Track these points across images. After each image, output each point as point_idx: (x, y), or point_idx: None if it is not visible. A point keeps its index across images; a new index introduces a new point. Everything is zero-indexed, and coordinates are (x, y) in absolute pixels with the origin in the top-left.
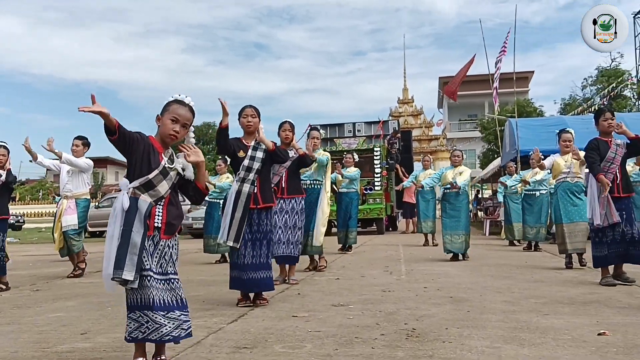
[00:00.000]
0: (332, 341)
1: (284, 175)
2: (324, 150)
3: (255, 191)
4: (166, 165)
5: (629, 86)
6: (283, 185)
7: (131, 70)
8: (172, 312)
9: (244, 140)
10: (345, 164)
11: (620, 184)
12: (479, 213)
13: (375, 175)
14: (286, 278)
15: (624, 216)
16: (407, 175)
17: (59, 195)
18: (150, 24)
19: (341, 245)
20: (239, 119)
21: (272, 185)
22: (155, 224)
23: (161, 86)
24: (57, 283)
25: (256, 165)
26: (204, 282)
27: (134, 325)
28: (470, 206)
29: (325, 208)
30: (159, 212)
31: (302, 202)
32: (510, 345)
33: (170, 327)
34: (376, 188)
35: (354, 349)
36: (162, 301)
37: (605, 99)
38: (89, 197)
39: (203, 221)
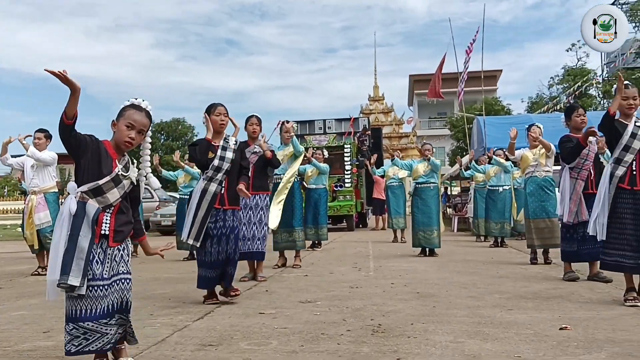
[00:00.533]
0: (298, 337)
1: (250, 171)
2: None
3: (222, 192)
4: (119, 173)
5: (594, 85)
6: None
7: (101, 65)
8: (112, 319)
9: (212, 141)
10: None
11: (594, 181)
12: (448, 210)
13: (346, 172)
14: (255, 275)
15: None
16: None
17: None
18: (121, 18)
19: (311, 242)
20: (209, 116)
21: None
22: (103, 232)
23: (132, 82)
24: (21, 281)
25: (225, 165)
26: (171, 279)
27: (69, 337)
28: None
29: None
30: (106, 219)
31: (267, 199)
32: (473, 339)
33: (111, 334)
34: (346, 185)
35: (319, 345)
36: (104, 309)
37: (570, 98)
38: (57, 190)
39: (172, 218)
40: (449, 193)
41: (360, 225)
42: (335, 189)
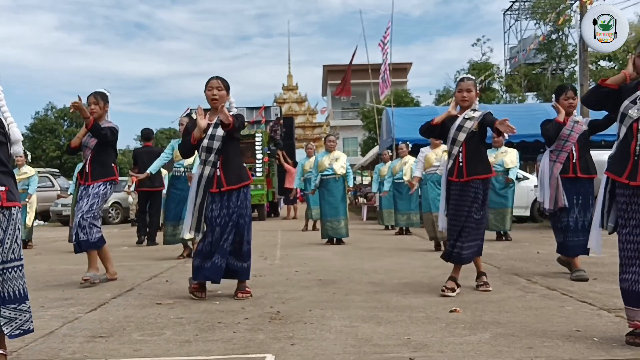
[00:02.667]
0: (193, 327)
1: (89, 157)
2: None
3: (218, 173)
4: None
5: (497, 79)
6: (87, 171)
7: (1, 47)
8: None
9: (208, 118)
10: None
11: (578, 164)
12: (360, 199)
13: (257, 162)
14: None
15: (579, 201)
16: (289, 161)
17: None
18: None
19: None
20: (204, 92)
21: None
22: None
23: (34, 65)
24: None
25: (216, 144)
26: (67, 271)
27: None
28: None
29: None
30: None
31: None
32: (367, 324)
33: None
34: (257, 174)
35: (214, 334)
36: None
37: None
38: None
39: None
40: (357, 183)
41: (272, 215)
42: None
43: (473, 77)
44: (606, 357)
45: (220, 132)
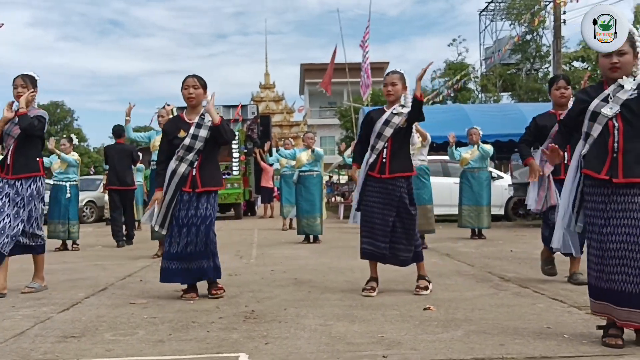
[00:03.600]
0: (167, 327)
1: (12, 147)
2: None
3: (193, 173)
4: None
5: (473, 79)
6: (8, 162)
7: None
8: None
9: (185, 118)
10: None
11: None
12: (337, 198)
13: (233, 160)
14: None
15: None
16: (265, 160)
17: None
18: None
19: None
20: (181, 90)
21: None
22: None
23: (7, 62)
24: None
25: (199, 145)
26: None
27: None
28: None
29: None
30: None
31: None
32: (342, 322)
33: None
34: (234, 173)
35: (188, 333)
36: None
37: (451, 91)
38: None
39: (46, 207)
40: (335, 182)
41: (249, 214)
42: (223, 176)
43: (400, 71)
44: (575, 353)
45: (203, 133)
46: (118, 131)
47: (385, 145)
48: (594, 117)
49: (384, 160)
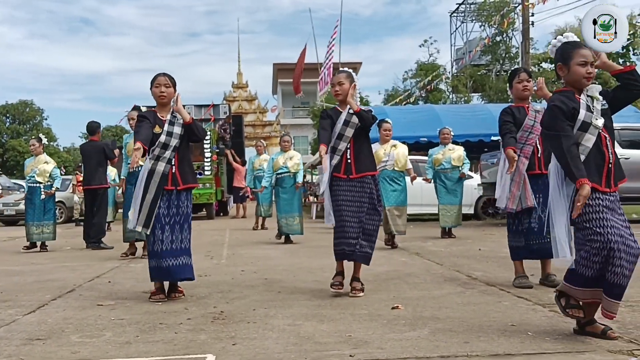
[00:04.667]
0: (134, 328)
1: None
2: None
3: (173, 171)
4: None
5: (444, 80)
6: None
7: None
8: None
9: (158, 114)
10: None
11: (542, 158)
12: (310, 197)
13: (205, 160)
14: None
15: (540, 200)
16: (238, 160)
17: None
18: None
19: None
20: (151, 89)
21: None
22: None
23: None
24: None
25: (174, 142)
26: (6, 272)
27: None
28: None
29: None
30: None
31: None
32: (310, 322)
33: None
34: (206, 173)
35: (155, 334)
36: None
37: (422, 91)
38: None
39: (16, 207)
40: (308, 181)
41: (221, 214)
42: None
43: (348, 70)
44: (538, 350)
45: (177, 130)
46: (90, 128)
47: (348, 147)
48: (585, 127)
49: (349, 160)
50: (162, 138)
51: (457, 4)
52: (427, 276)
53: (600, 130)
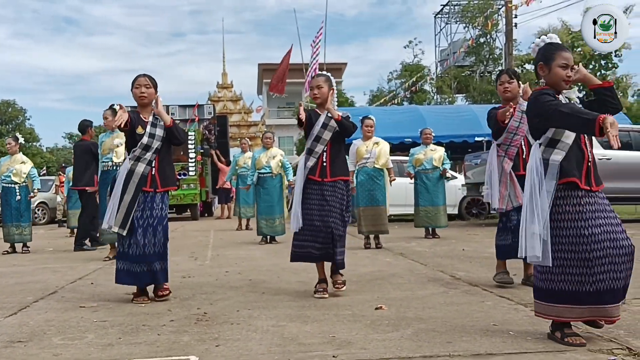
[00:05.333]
0: (117, 330)
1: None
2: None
3: (153, 172)
4: None
5: (428, 81)
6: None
7: None
8: None
9: (141, 115)
10: None
11: (527, 159)
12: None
13: (190, 160)
14: None
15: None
16: (222, 160)
17: None
18: None
19: None
20: (131, 90)
21: None
22: None
23: None
24: None
25: (156, 144)
26: None
27: None
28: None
29: None
30: None
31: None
32: (294, 323)
33: None
34: (190, 173)
35: (138, 336)
36: None
37: (407, 92)
38: None
39: None
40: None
41: (206, 215)
42: (179, 177)
43: (326, 74)
44: (520, 350)
45: (160, 132)
46: (81, 127)
47: (325, 149)
48: None
49: (324, 163)
50: (145, 140)
51: (441, 5)
52: (411, 276)
53: None
